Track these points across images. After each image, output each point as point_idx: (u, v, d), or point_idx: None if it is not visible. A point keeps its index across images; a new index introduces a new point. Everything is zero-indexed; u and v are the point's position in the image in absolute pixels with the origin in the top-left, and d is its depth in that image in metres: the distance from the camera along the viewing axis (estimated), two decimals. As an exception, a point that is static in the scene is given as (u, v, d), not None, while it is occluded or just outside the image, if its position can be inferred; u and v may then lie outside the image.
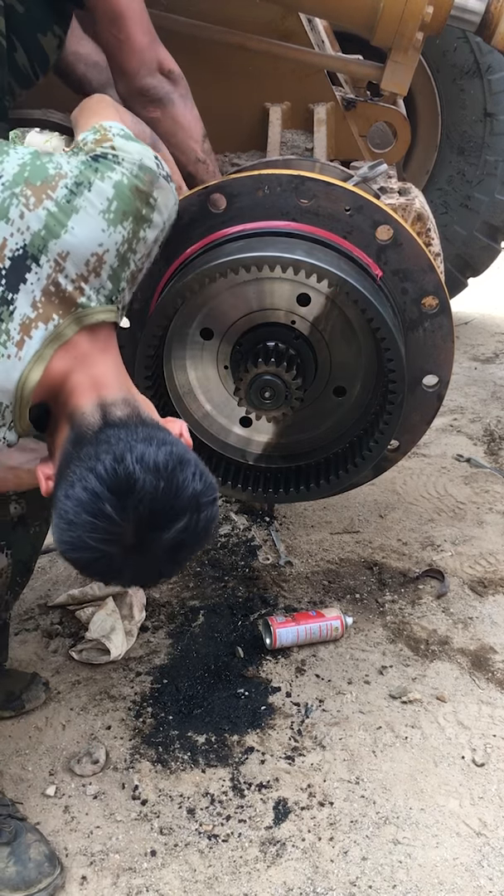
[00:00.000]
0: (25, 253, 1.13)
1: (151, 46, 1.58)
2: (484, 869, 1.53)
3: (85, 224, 1.15)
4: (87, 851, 1.56)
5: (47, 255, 1.14)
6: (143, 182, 1.21)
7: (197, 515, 1.09)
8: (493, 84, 3.17)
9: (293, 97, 2.21)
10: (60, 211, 1.14)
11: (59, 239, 1.14)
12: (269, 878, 1.52)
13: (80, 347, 1.18)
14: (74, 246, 1.15)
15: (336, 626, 2.01)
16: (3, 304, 1.12)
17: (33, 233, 1.13)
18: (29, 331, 1.14)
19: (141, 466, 1.05)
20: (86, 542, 1.06)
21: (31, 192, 1.13)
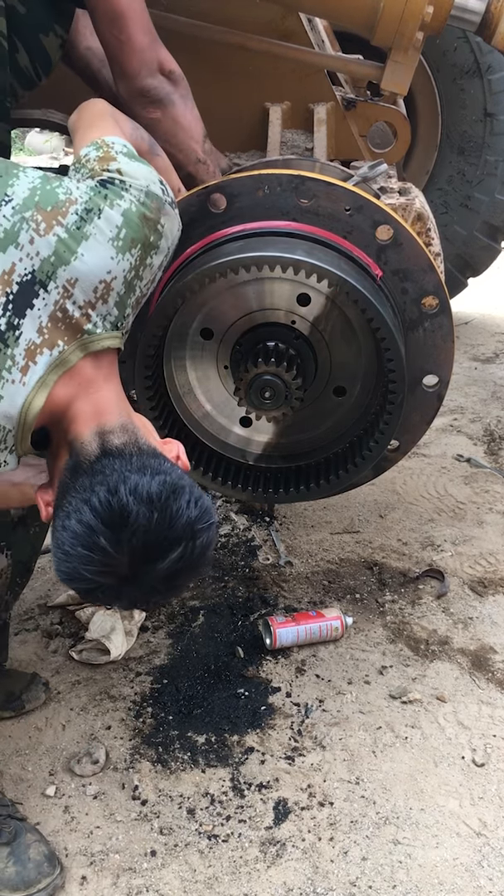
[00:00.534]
0: (34, 278, 1.13)
1: (152, 47, 1.58)
2: (484, 869, 1.53)
3: (94, 251, 1.16)
4: (87, 851, 1.56)
5: (56, 281, 1.14)
6: (150, 210, 1.22)
7: (192, 543, 1.10)
8: (493, 84, 3.17)
9: (293, 97, 2.21)
10: (70, 237, 1.14)
11: (68, 265, 1.14)
12: (269, 879, 1.51)
13: (84, 374, 1.18)
14: (83, 273, 1.15)
15: (336, 626, 2.01)
16: (10, 329, 1.12)
17: (43, 259, 1.13)
18: (34, 356, 1.14)
19: (134, 498, 1.06)
20: (82, 574, 1.07)
21: (42, 217, 1.14)
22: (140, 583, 1.10)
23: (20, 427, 1.15)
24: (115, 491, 1.07)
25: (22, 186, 1.15)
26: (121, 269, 1.19)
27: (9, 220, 1.12)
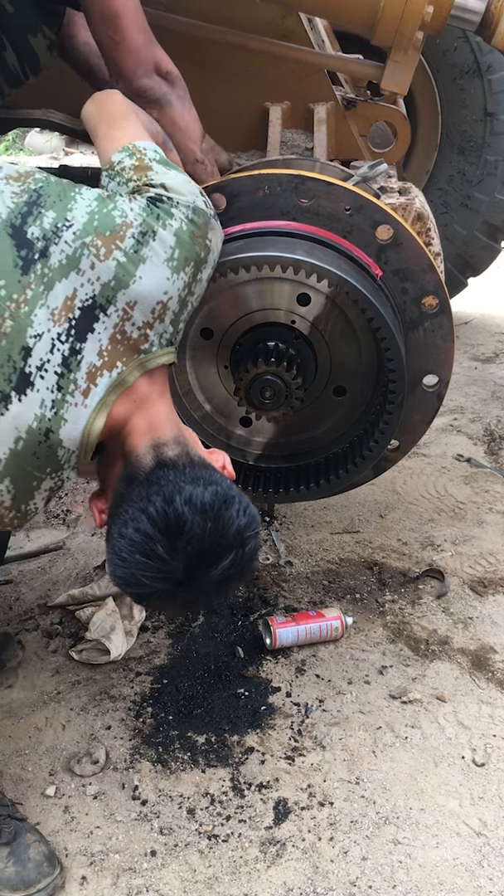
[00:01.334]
0: (94, 303, 1.15)
1: (147, 47, 1.58)
2: (484, 869, 1.53)
3: (151, 273, 1.17)
4: (87, 851, 1.56)
5: (115, 304, 1.16)
6: (198, 226, 1.24)
7: (242, 550, 1.15)
8: (493, 84, 3.17)
9: (293, 97, 2.21)
10: (129, 261, 1.16)
11: (127, 289, 1.16)
12: (269, 878, 1.51)
13: (140, 391, 1.21)
14: (142, 295, 1.17)
15: (336, 626, 2.01)
16: (73, 355, 1.14)
17: (103, 283, 1.15)
18: (94, 379, 1.16)
19: (189, 508, 1.11)
20: (139, 579, 1.13)
21: (101, 242, 1.15)
22: (193, 588, 1.15)
23: (83, 448, 1.18)
24: (170, 501, 1.11)
25: (81, 210, 1.17)
26: (176, 288, 1.21)
27: (70, 246, 1.14)
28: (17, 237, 1.14)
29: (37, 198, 1.17)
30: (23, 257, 1.13)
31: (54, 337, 1.13)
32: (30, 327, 1.12)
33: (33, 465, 1.14)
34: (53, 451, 1.14)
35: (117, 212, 1.18)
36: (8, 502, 1.15)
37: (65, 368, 1.13)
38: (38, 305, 1.12)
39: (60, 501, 2.60)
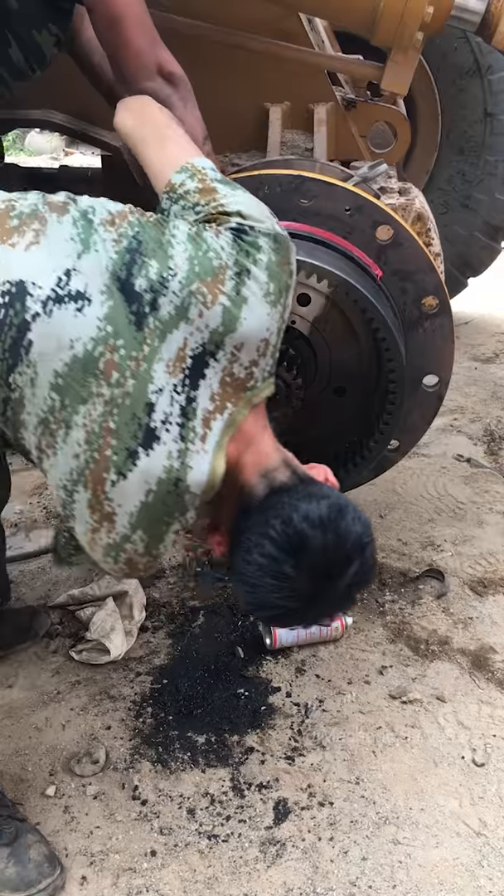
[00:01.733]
0: (204, 350, 1.16)
1: (151, 49, 1.57)
2: (484, 869, 1.53)
3: (254, 313, 1.17)
4: (87, 851, 1.56)
5: (224, 349, 1.17)
6: (282, 254, 1.23)
7: (363, 556, 1.17)
8: (493, 84, 3.17)
9: (293, 97, 2.21)
10: (233, 304, 1.16)
11: (234, 332, 1.16)
12: (269, 878, 1.51)
13: (248, 427, 1.22)
14: (247, 336, 1.17)
15: (336, 626, 2.01)
16: (189, 403, 1.15)
17: (211, 330, 1.15)
18: (209, 423, 1.17)
19: (308, 524, 1.13)
20: (271, 602, 1.15)
21: (207, 289, 1.15)
22: (322, 601, 1.18)
23: (207, 490, 1.19)
24: (289, 521, 1.14)
25: (181, 256, 1.16)
26: (275, 322, 1.21)
27: (178, 297, 1.14)
28: (125, 292, 1.13)
29: (136, 245, 1.16)
30: (134, 312, 1.13)
31: (171, 389, 1.14)
32: (150, 383, 1.13)
33: (163, 513, 1.16)
34: (182, 498, 1.16)
35: (212, 253, 1.18)
36: (141, 550, 1.18)
37: (184, 418, 1.15)
38: (156, 360, 1.13)
39: (60, 501, 2.60)
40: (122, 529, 1.16)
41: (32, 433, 1.16)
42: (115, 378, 1.11)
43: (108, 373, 1.11)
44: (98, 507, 1.15)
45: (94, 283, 1.13)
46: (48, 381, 1.12)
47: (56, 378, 1.12)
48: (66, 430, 1.13)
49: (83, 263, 1.14)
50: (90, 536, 1.18)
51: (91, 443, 1.12)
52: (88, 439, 1.12)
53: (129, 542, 1.17)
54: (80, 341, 1.11)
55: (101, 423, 1.12)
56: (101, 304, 1.12)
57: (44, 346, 1.11)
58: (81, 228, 1.16)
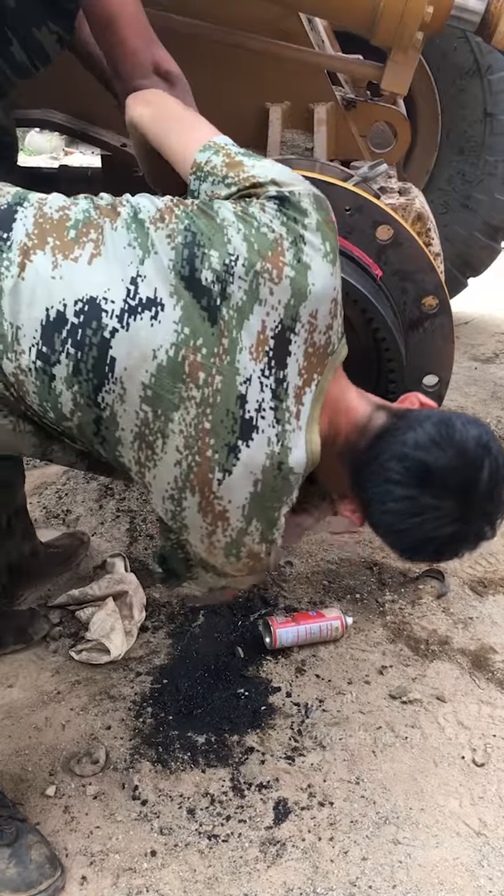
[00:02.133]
0: (283, 327, 1.14)
1: (147, 48, 1.57)
2: (484, 869, 1.53)
3: (319, 276, 1.16)
4: (87, 851, 1.56)
5: (301, 321, 1.15)
6: (326, 212, 1.22)
7: (491, 455, 1.13)
8: (493, 84, 3.17)
9: (293, 97, 2.21)
10: (299, 274, 1.14)
11: (307, 301, 1.14)
12: (269, 878, 1.52)
13: (333, 392, 1.21)
14: (319, 300, 1.16)
15: (336, 626, 2.01)
16: (279, 385, 1.14)
17: (285, 305, 1.13)
18: (301, 399, 1.16)
19: (423, 450, 1.11)
20: (426, 538, 1.14)
21: (270, 264, 1.13)
22: (474, 511, 1.14)
23: (309, 466, 1.18)
24: (404, 457, 1.12)
25: (237, 239, 1.14)
26: (338, 280, 1.20)
27: (245, 280, 1.12)
28: (193, 288, 1.12)
29: (192, 238, 1.14)
30: (205, 307, 1.11)
31: (259, 375, 1.13)
32: (237, 375, 1.11)
33: (273, 498, 1.16)
34: (287, 480, 1.16)
35: (265, 228, 1.15)
36: (258, 539, 1.17)
37: (277, 401, 1.14)
38: (238, 350, 1.11)
39: (60, 501, 2.60)
40: (238, 524, 1.15)
41: (129, 449, 1.15)
42: (202, 378, 1.10)
43: (194, 375, 1.10)
44: (209, 508, 1.14)
45: (162, 286, 1.12)
46: (137, 395, 1.11)
47: (145, 390, 1.11)
48: (163, 441, 1.12)
49: (146, 269, 1.12)
50: (207, 542, 1.17)
51: (190, 447, 1.11)
52: (187, 444, 1.11)
53: (246, 535, 1.16)
54: (161, 349, 1.10)
55: (196, 425, 1.11)
56: (173, 307, 1.11)
57: (127, 361, 1.10)
58: (137, 232, 1.15)
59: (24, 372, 1.13)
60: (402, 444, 1.13)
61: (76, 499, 2.60)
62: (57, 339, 1.11)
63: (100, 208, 1.19)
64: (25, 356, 1.12)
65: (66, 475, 2.72)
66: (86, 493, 2.63)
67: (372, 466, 1.15)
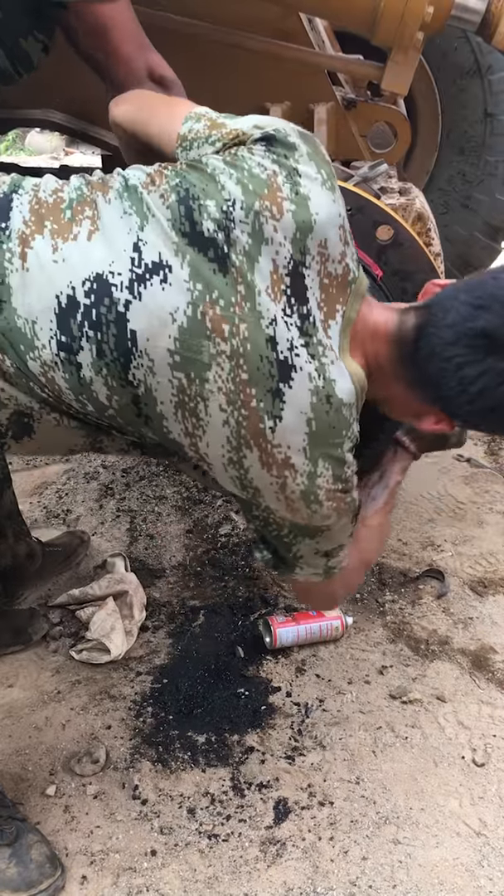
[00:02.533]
0: (294, 262, 1.12)
1: (139, 55, 1.57)
2: (484, 869, 1.53)
3: (320, 205, 1.14)
4: (88, 851, 1.56)
5: (311, 253, 1.13)
6: (314, 143, 1.20)
7: None
8: (493, 84, 3.17)
9: (293, 97, 2.21)
10: (298, 206, 1.12)
11: (313, 231, 1.12)
12: (269, 878, 1.52)
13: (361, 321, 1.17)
14: (326, 229, 1.14)
15: (336, 625, 2.01)
16: (304, 321, 1.12)
17: (291, 240, 1.12)
18: (328, 332, 1.14)
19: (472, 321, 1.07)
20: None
21: (269, 202, 1.12)
22: None
23: (359, 394, 1.16)
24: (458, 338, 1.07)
25: (230, 184, 1.13)
26: (342, 206, 1.18)
27: (247, 223, 1.11)
28: (197, 242, 1.10)
29: (185, 193, 1.13)
30: (213, 258, 1.10)
31: (282, 315, 1.10)
32: (262, 319, 1.09)
33: (332, 434, 1.13)
34: (340, 413, 1.13)
35: (256, 168, 1.14)
36: (331, 479, 1.14)
37: (307, 336, 1.11)
38: (256, 294, 1.09)
39: (61, 501, 2.60)
40: (305, 467, 1.12)
41: (175, 421, 1.14)
42: (227, 330, 1.08)
43: (218, 329, 1.08)
44: (271, 459, 1.12)
45: (165, 247, 1.10)
46: (166, 363, 1.09)
47: (172, 357, 1.09)
48: (204, 404, 1.10)
49: (147, 234, 1.11)
50: (283, 498, 1.15)
51: (233, 402, 1.09)
52: (229, 400, 1.09)
53: (318, 478, 1.13)
54: (179, 311, 1.08)
55: (233, 379, 1.09)
56: (180, 266, 1.09)
57: (148, 331, 1.09)
58: (131, 200, 1.14)
59: (51, 367, 1.12)
60: (448, 327, 1.08)
61: (76, 499, 2.60)
62: (73, 325, 1.10)
63: (91, 184, 1.18)
64: (47, 350, 1.11)
65: (66, 475, 2.72)
66: (86, 493, 2.63)
67: (432, 366, 1.11)
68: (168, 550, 2.38)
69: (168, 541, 2.42)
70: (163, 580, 2.26)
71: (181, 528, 2.47)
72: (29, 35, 1.59)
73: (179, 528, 2.47)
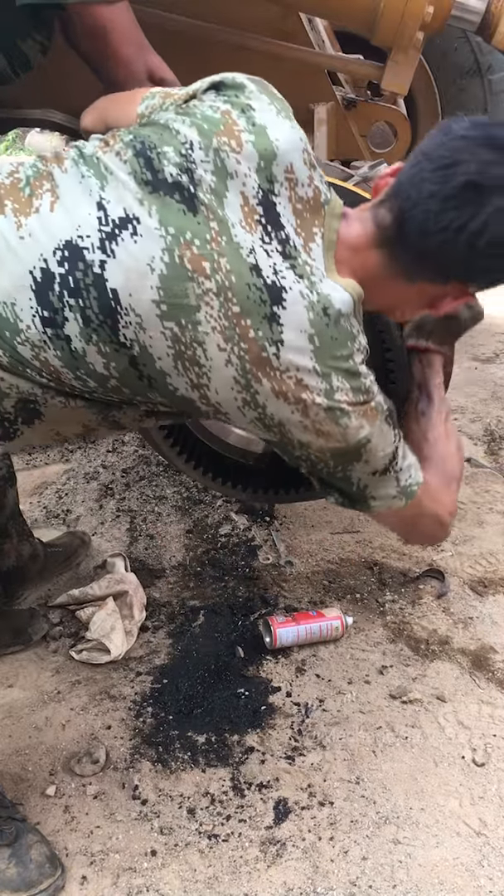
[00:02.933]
0: (263, 191, 1.11)
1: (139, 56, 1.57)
2: (484, 869, 1.53)
3: (280, 132, 1.14)
4: (87, 851, 1.56)
5: (278, 180, 1.12)
6: (265, 85, 1.21)
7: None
8: (493, 84, 3.17)
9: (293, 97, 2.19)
10: (257, 136, 1.12)
11: (276, 158, 1.12)
12: (269, 878, 1.52)
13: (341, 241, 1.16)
14: (289, 154, 1.13)
15: (336, 625, 2.01)
16: (284, 246, 1.10)
17: (256, 169, 1.11)
18: (310, 254, 1.12)
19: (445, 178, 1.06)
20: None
21: (227, 137, 1.12)
22: None
23: (357, 304, 1.13)
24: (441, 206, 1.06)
25: (184, 128, 1.13)
26: (302, 132, 1.17)
27: (209, 160, 1.11)
28: (162, 189, 1.10)
29: (141, 145, 1.13)
30: (181, 200, 1.09)
31: (260, 243, 1.09)
32: (241, 249, 1.08)
33: (338, 347, 1.11)
34: (340, 324, 1.10)
35: (209, 110, 1.15)
36: (350, 391, 1.12)
37: (290, 260, 1.10)
38: (230, 227, 1.09)
39: (60, 501, 2.60)
40: (321, 385, 1.10)
41: (178, 375, 1.12)
42: (208, 268, 1.08)
43: (199, 268, 1.07)
44: (284, 387, 1.10)
45: (130, 201, 1.10)
46: (154, 315, 1.08)
47: (158, 307, 1.08)
48: (202, 348, 1.09)
49: (108, 192, 1.11)
50: (311, 426, 1.12)
51: (230, 338, 1.08)
52: (226, 337, 1.08)
53: (337, 392, 1.11)
54: (155, 259, 1.08)
55: (226, 314, 1.08)
56: (148, 215, 1.09)
57: (128, 286, 1.08)
58: (87, 164, 1.14)
59: (41, 348, 1.11)
60: (430, 198, 1.07)
61: (76, 499, 2.61)
62: (53, 297, 1.09)
63: (45, 159, 1.19)
64: (33, 330, 1.11)
65: (66, 475, 2.73)
66: (86, 493, 2.63)
67: (430, 243, 1.09)
68: (168, 550, 2.38)
69: (168, 541, 2.42)
70: (163, 580, 2.26)
71: (181, 528, 2.47)
72: (28, 37, 1.59)
73: (179, 528, 2.47)
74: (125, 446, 2.91)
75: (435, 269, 1.14)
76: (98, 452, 2.87)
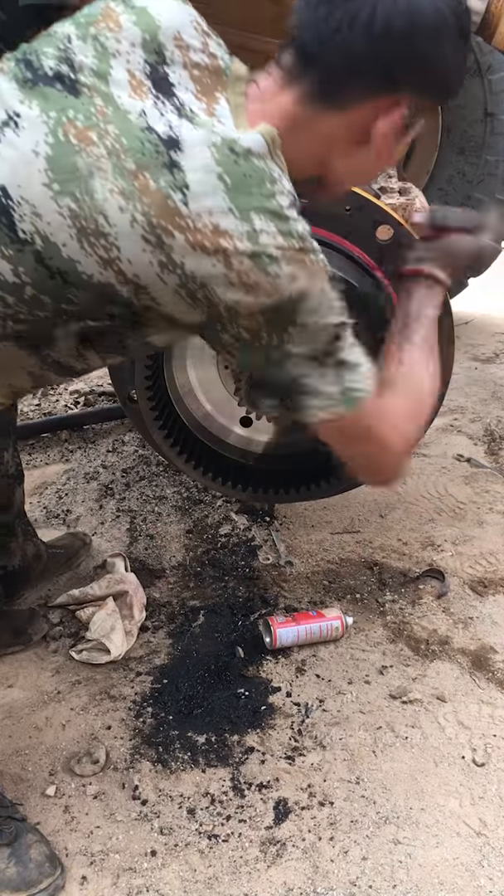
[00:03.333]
0: (151, 64, 1.09)
1: None
2: (484, 869, 1.53)
3: (162, 8, 1.12)
4: (87, 851, 1.56)
5: (167, 49, 1.10)
6: None
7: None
8: (493, 84, 3.17)
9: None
10: (138, 16, 1.11)
11: (161, 29, 1.10)
12: (269, 878, 1.52)
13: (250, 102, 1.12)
14: (176, 23, 1.12)
15: (336, 625, 2.01)
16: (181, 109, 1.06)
17: (140, 44, 1.09)
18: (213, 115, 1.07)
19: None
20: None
21: (105, 22, 1.10)
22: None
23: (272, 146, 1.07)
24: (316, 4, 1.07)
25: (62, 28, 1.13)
26: (189, 6, 1.16)
27: (87, 46, 1.09)
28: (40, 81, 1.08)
29: (21, 54, 1.12)
30: (62, 88, 1.07)
31: (151, 107, 1.06)
32: (129, 113, 1.05)
33: (253, 184, 1.03)
34: (252, 161, 1.04)
35: (87, 10, 1.13)
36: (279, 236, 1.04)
37: (187, 118, 1.06)
38: (116, 98, 1.06)
39: (60, 501, 2.60)
40: (241, 227, 1.01)
41: (86, 255, 1.05)
42: (95, 136, 1.04)
43: (85, 138, 1.04)
44: (199, 235, 1.01)
45: (10, 102, 1.08)
46: (48, 198, 1.05)
47: (50, 188, 1.04)
48: (103, 216, 1.04)
49: None
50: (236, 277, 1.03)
51: (130, 195, 1.02)
52: (125, 194, 1.02)
53: (262, 235, 1.02)
54: (39, 143, 1.05)
55: (121, 173, 1.03)
56: (29, 108, 1.07)
57: (15, 177, 1.05)
58: None
59: None
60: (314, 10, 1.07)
61: (76, 499, 2.61)
62: None
63: None
64: None
65: (66, 475, 2.73)
66: (86, 493, 2.63)
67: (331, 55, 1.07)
68: (168, 550, 2.38)
69: (168, 541, 2.42)
70: (163, 580, 2.26)
71: (181, 528, 2.47)
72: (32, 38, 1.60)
73: (179, 528, 2.47)
74: (125, 446, 2.91)
75: (347, 79, 1.10)
76: (98, 452, 2.87)
